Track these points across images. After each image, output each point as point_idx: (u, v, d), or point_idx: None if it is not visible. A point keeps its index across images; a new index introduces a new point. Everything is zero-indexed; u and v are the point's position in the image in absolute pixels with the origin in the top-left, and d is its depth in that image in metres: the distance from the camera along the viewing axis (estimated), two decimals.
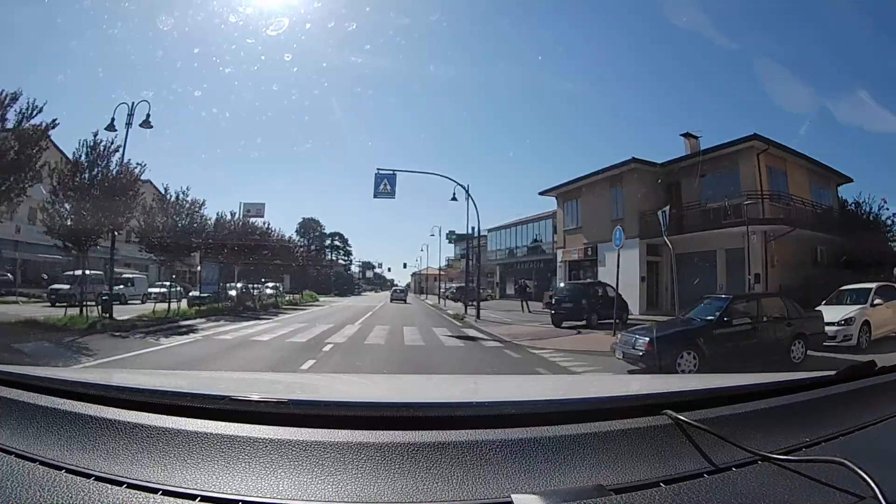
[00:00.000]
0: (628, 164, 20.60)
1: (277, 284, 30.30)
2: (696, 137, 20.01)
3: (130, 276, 24.62)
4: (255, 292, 25.63)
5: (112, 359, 8.24)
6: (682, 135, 20.86)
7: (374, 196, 18.77)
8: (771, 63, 29.65)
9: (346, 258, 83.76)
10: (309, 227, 75.82)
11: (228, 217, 22.05)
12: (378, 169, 18.84)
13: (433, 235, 37.60)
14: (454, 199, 29.59)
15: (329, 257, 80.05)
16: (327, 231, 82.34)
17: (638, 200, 19.78)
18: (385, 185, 18.73)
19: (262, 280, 27.35)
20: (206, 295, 21.78)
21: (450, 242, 30.52)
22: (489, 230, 37.48)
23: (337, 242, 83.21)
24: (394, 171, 18.88)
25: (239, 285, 24.53)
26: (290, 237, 31.68)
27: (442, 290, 43.87)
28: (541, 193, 27.42)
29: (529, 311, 21.97)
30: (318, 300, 36.97)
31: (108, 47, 41.94)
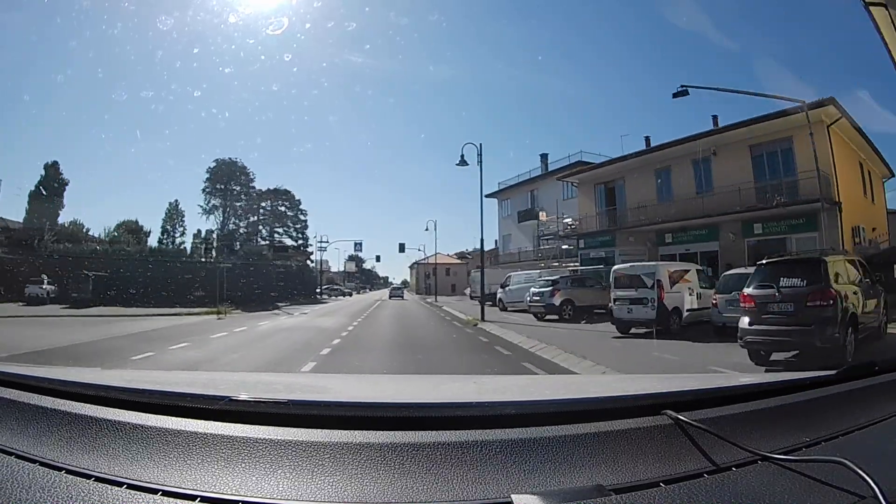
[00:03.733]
0: None
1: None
2: None
3: None
4: None
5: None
6: None
7: None
8: (771, 63, 29.54)
9: (298, 235, 44.11)
10: (225, 174, 39.06)
11: None
12: None
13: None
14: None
15: (260, 235, 42.32)
16: (262, 187, 41.99)
17: None
18: None
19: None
20: None
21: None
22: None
23: (282, 206, 43.61)
24: None
25: None
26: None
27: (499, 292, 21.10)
28: None
29: None
30: None
31: (107, 48, 42.11)
